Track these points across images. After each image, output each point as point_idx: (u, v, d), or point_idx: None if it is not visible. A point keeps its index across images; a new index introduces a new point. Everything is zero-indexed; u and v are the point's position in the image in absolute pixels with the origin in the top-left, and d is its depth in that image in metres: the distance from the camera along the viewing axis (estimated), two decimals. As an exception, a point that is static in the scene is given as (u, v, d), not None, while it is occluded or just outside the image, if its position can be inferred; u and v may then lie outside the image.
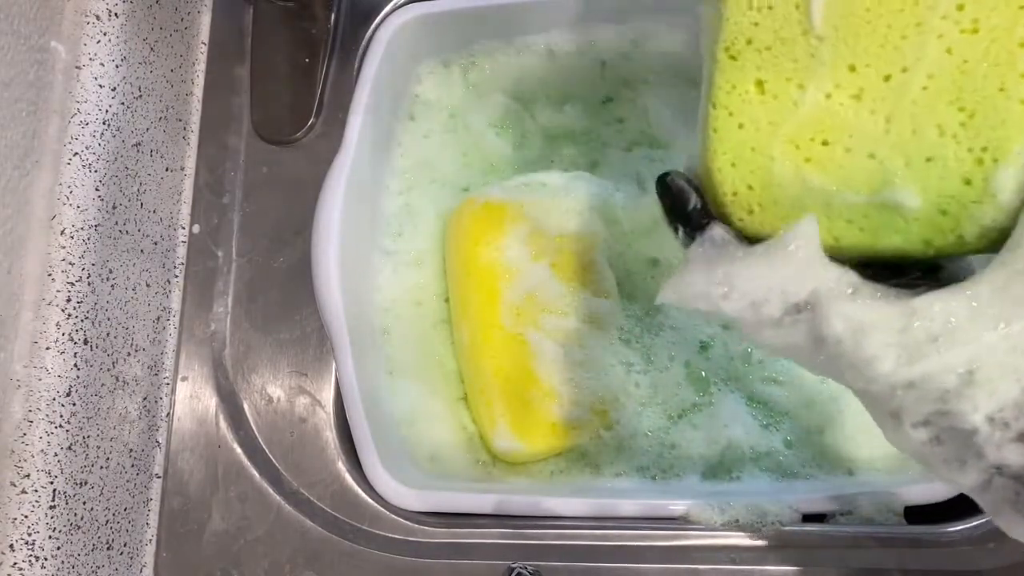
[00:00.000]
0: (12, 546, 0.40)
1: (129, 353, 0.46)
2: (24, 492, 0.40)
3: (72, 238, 0.43)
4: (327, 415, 0.47)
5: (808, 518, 0.43)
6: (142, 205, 0.48)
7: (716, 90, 0.30)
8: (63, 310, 0.42)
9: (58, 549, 0.41)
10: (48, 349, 0.42)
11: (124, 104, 0.47)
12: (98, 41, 0.45)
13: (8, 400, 0.41)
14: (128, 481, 0.46)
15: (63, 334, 0.42)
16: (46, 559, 0.41)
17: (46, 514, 0.41)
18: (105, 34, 0.46)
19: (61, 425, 0.42)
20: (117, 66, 0.46)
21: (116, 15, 0.46)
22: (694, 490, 0.46)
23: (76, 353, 0.43)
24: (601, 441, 0.48)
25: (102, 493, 0.44)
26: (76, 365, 0.43)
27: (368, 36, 0.51)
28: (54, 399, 0.41)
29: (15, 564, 0.40)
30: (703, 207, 0.31)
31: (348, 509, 0.45)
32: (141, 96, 0.48)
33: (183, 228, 0.51)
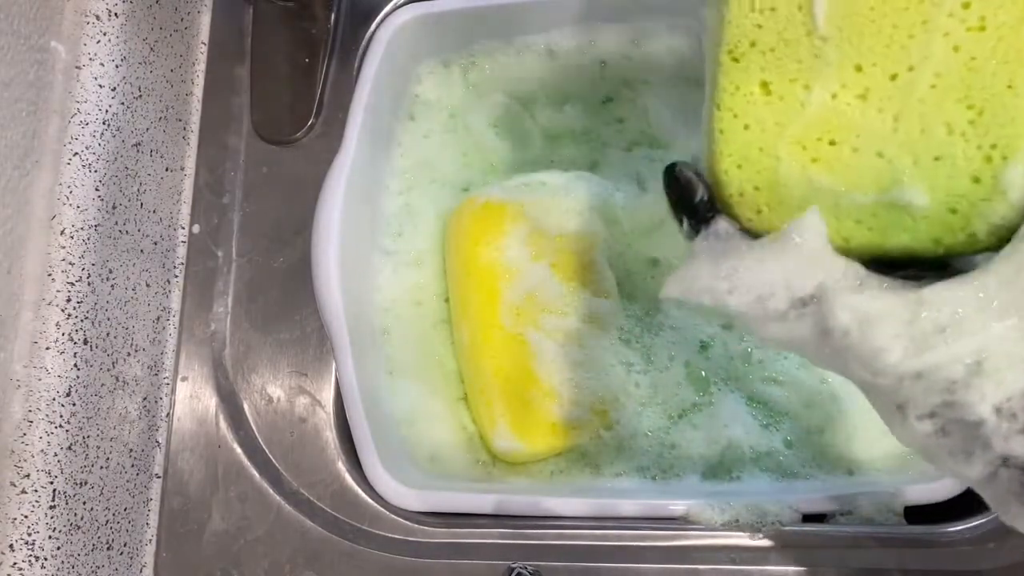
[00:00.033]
0: (12, 546, 0.40)
1: (129, 353, 0.46)
2: (24, 492, 0.40)
3: (72, 238, 0.43)
4: (327, 415, 0.47)
5: (808, 518, 0.43)
6: (142, 205, 0.48)
7: (720, 92, 0.29)
8: (63, 310, 0.42)
9: (58, 549, 0.41)
10: (48, 349, 0.42)
11: (124, 104, 0.47)
12: (98, 41, 0.45)
13: (8, 400, 0.41)
14: (128, 481, 0.46)
15: (63, 334, 0.42)
16: (46, 559, 0.41)
17: (46, 514, 0.41)
18: (105, 34, 0.46)
19: (61, 425, 0.42)
20: (117, 66, 0.46)
21: (116, 15, 0.46)
22: (694, 490, 0.46)
23: (76, 353, 0.43)
24: (601, 441, 0.48)
25: (102, 493, 0.44)
26: (76, 365, 0.42)
27: (368, 36, 0.51)
28: (54, 399, 0.41)
29: (15, 564, 0.40)
30: (710, 200, 0.31)
31: (348, 509, 0.45)
32: (141, 96, 0.48)
33: (183, 228, 0.51)
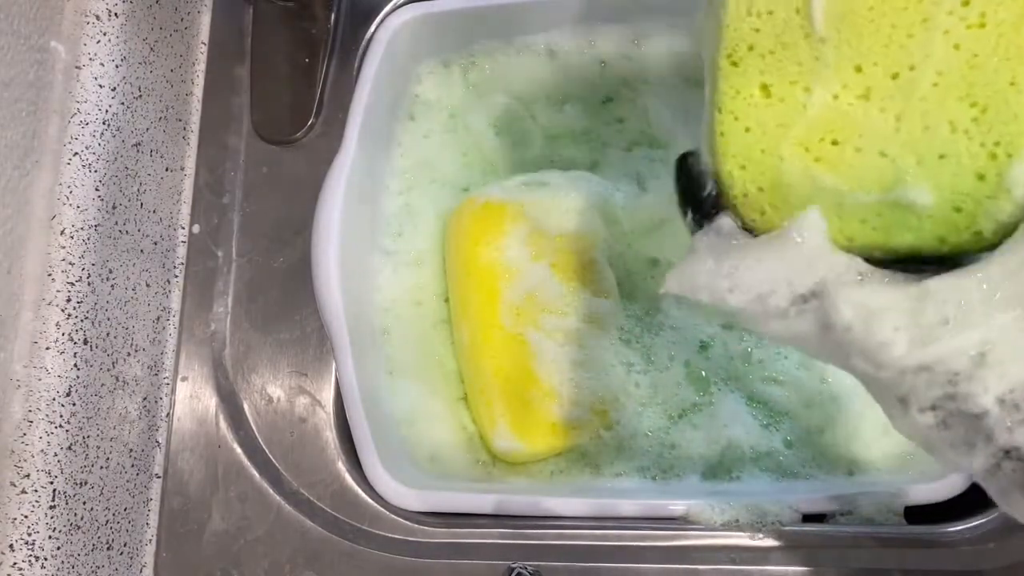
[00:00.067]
0: (12, 546, 0.40)
1: (129, 353, 0.46)
2: (24, 492, 0.40)
3: (72, 238, 0.43)
4: (327, 415, 0.47)
5: (808, 518, 0.43)
6: (142, 205, 0.48)
7: (720, 96, 0.29)
8: (63, 310, 0.42)
9: (58, 549, 0.41)
10: (48, 349, 0.42)
11: (124, 104, 0.47)
12: (98, 41, 0.45)
13: (8, 400, 0.41)
14: (128, 481, 0.46)
15: (63, 334, 0.42)
16: (46, 559, 0.41)
17: (46, 514, 0.41)
18: (105, 34, 0.46)
19: (61, 425, 0.42)
20: (117, 66, 0.46)
21: (116, 15, 0.46)
22: (694, 490, 0.46)
23: (76, 353, 0.43)
24: (601, 441, 0.48)
25: (102, 493, 0.44)
26: (76, 365, 0.42)
27: (368, 36, 0.51)
28: (54, 399, 0.41)
29: (15, 564, 0.40)
30: (717, 195, 0.31)
31: (348, 509, 0.45)
32: (141, 96, 0.48)
33: (183, 228, 0.51)
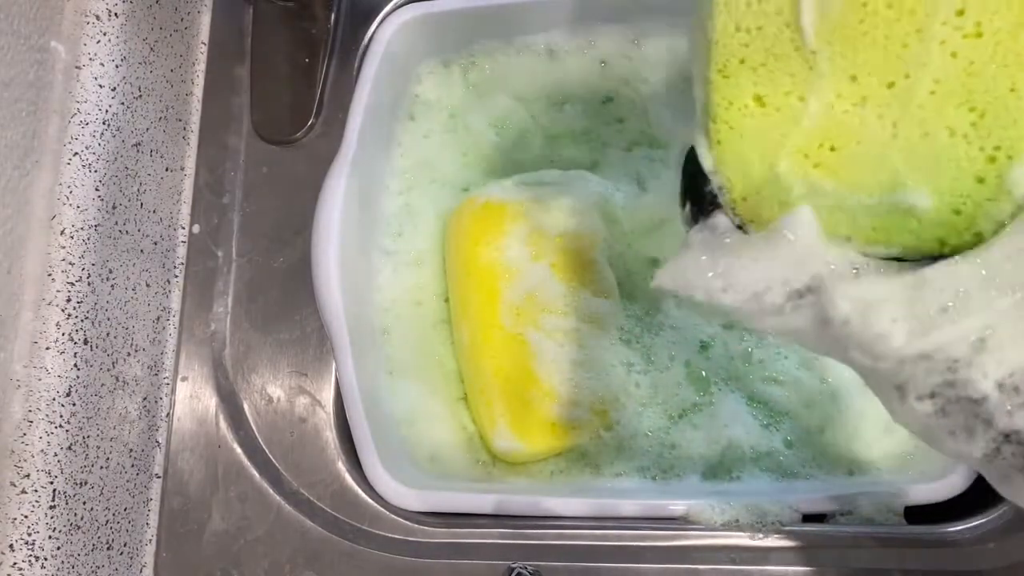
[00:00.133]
0: (12, 546, 0.40)
1: (129, 353, 0.46)
2: (24, 492, 0.40)
3: (72, 238, 0.43)
4: (327, 415, 0.47)
5: (808, 518, 0.43)
6: (142, 205, 0.48)
7: (714, 107, 0.29)
8: (63, 310, 0.42)
9: (58, 549, 0.41)
10: (48, 349, 0.42)
11: (124, 104, 0.47)
12: (98, 41, 0.45)
13: (8, 400, 0.41)
14: (128, 481, 0.46)
15: (63, 334, 0.42)
16: (46, 559, 0.41)
17: (46, 514, 0.41)
18: (105, 34, 0.46)
19: (61, 425, 0.42)
20: (117, 66, 0.46)
21: (116, 15, 0.46)
22: (694, 490, 0.46)
23: (76, 353, 0.43)
24: (601, 441, 0.48)
25: (102, 493, 0.44)
26: (76, 365, 0.42)
27: (368, 36, 0.51)
28: (54, 399, 0.41)
29: (15, 564, 0.40)
30: (717, 194, 0.31)
31: (348, 509, 0.45)
32: (141, 96, 0.48)
33: (183, 228, 0.51)
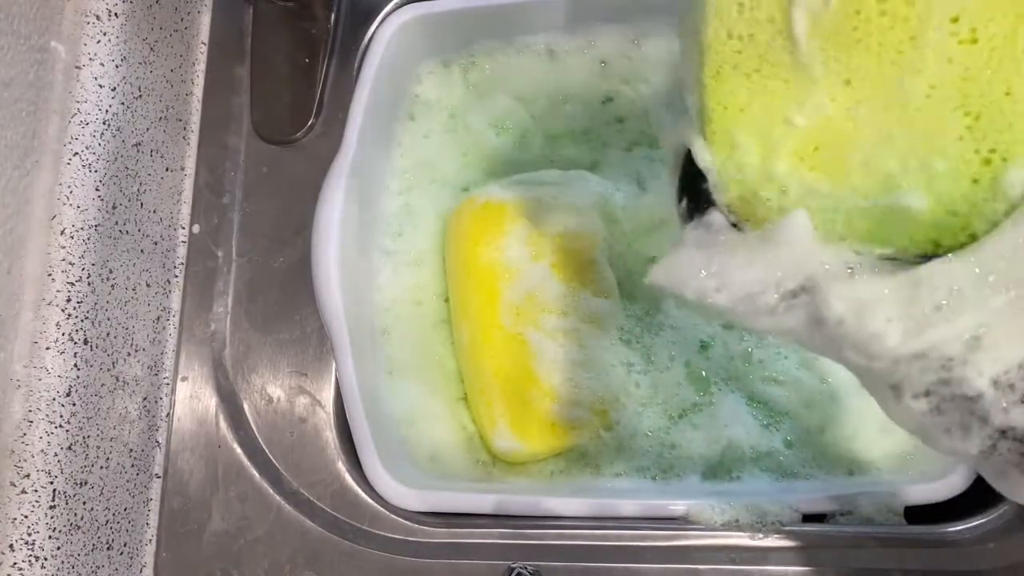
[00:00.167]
0: (12, 546, 0.40)
1: (129, 353, 0.46)
2: (24, 492, 0.40)
3: (72, 238, 0.43)
4: (327, 415, 0.47)
5: (808, 518, 0.43)
6: (142, 205, 0.48)
7: (708, 112, 0.29)
8: (63, 310, 0.42)
9: (58, 549, 0.41)
10: (48, 349, 0.42)
11: (124, 104, 0.47)
12: (98, 41, 0.45)
13: (8, 400, 0.41)
14: (128, 481, 0.46)
15: (63, 334, 0.42)
16: (46, 559, 0.41)
17: (46, 514, 0.41)
18: (105, 34, 0.46)
19: (61, 425, 0.42)
20: (117, 66, 0.46)
21: (116, 15, 0.46)
22: (694, 490, 0.46)
23: (76, 353, 0.43)
24: (601, 441, 0.48)
25: (102, 493, 0.44)
26: (76, 365, 0.43)
27: (368, 36, 0.51)
28: (54, 399, 0.41)
29: (15, 564, 0.40)
30: (712, 192, 0.30)
31: (348, 509, 0.45)
32: (141, 96, 0.48)
33: (183, 228, 0.51)
